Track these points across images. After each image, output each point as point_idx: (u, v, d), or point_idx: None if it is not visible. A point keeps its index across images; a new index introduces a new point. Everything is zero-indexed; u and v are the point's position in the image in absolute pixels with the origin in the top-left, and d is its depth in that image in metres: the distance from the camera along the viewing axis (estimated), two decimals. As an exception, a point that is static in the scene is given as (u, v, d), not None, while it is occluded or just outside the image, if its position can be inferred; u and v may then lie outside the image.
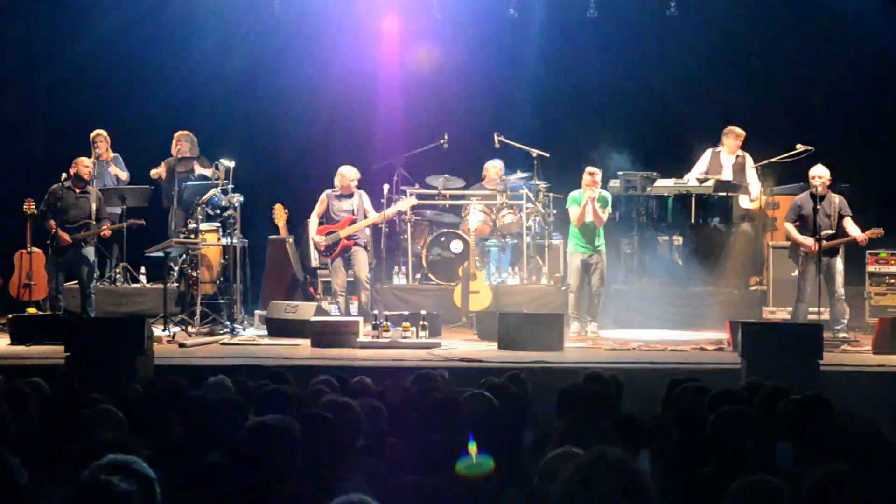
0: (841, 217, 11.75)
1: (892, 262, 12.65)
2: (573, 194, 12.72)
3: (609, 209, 12.61)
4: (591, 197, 12.42)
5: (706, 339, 11.46)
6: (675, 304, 12.79)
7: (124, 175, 14.19)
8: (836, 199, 11.80)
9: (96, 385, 6.43)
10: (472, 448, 3.91)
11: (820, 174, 11.61)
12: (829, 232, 11.60)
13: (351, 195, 12.92)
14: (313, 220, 12.96)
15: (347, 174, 12.90)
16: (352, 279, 12.90)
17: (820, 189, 11.51)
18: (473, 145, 14.54)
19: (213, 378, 6.57)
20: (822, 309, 11.18)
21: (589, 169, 12.55)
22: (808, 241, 11.56)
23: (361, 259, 12.78)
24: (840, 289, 11.68)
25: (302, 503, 3.71)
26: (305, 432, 4.06)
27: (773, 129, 14.12)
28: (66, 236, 12.23)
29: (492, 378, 7.02)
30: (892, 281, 12.61)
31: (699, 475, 4.86)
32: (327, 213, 12.94)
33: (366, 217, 12.91)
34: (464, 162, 14.48)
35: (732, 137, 13.33)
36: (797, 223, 11.80)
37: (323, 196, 12.99)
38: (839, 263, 11.76)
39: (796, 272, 12.00)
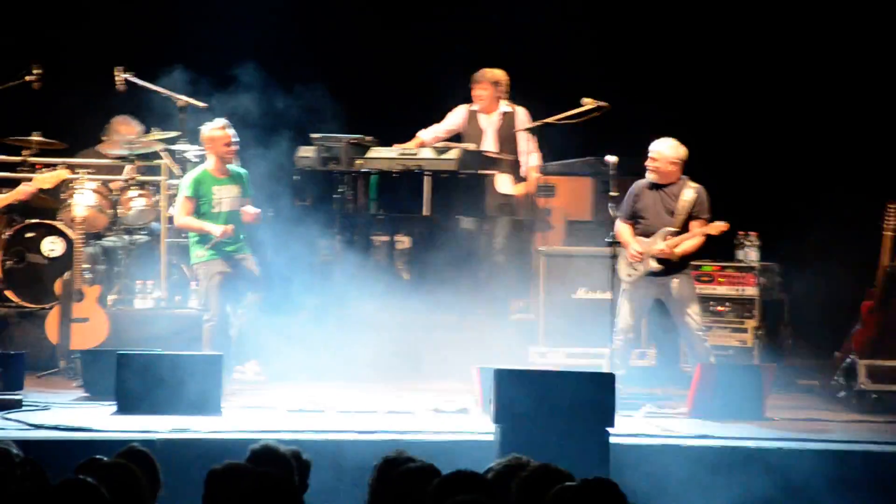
0: (691, 218, 11.74)
1: (720, 279, 12.83)
2: (191, 178, 12.98)
3: (249, 192, 13.02)
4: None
5: (443, 396, 11.63)
6: (398, 341, 12.89)
7: None
8: (692, 190, 11.77)
9: None
10: None
11: (661, 152, 11.78)
12: (671, 229, 11.69)
13: None
14: None
15: None
16: None
17: (655, 176, 11.72)
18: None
19: None
20: (647, 351, 11.48)
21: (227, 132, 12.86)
22: (638, 246, 11.68)
23: None
24: (695, 319, 11.76)
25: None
26: None
27: (551, 79, 14.30)
28: None
29: (101, 457, 6.69)
30: (720, 308, 12.76)
31: None
32: None
33: None
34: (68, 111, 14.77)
35: (485, 86, 13.41)
36: (633, 222, 11.87)
37: None
38: (687, 284, 11.83)
39: (605, 294, 12.15)
